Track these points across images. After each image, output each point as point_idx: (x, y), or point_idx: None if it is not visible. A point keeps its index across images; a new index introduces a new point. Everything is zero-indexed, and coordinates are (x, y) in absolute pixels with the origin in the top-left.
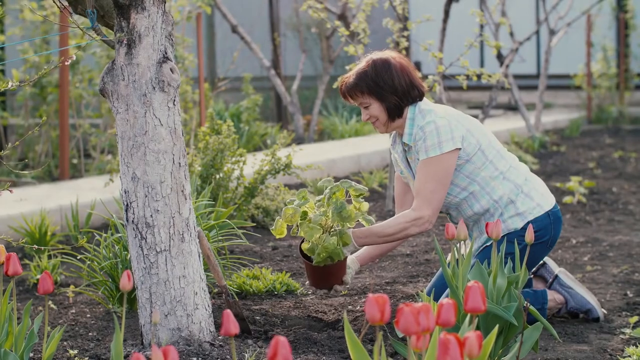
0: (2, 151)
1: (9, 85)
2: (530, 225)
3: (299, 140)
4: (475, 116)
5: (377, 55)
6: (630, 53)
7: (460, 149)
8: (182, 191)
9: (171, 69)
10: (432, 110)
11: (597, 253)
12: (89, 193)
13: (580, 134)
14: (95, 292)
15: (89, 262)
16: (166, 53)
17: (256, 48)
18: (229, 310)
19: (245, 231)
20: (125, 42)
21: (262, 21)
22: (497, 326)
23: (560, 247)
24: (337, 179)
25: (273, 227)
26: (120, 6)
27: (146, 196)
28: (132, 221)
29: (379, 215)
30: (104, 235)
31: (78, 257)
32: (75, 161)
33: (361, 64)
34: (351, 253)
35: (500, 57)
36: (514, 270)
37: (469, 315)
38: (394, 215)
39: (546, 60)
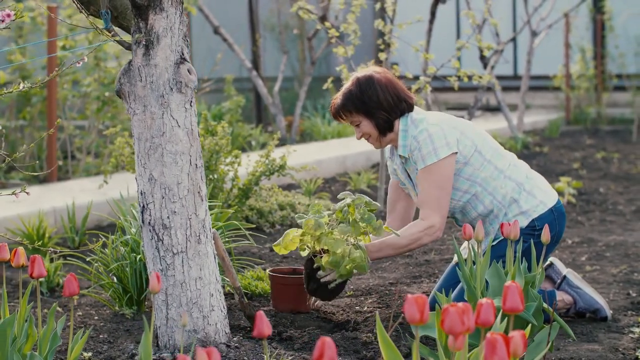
0: (16, 154)
1: (21, 87)
2: (547, 226)
3: (282, 142)
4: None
5: (361, 72)
6: (607, 54)
7: (457, 152)
8: (199, 192)
9: (188, 70)
10: (424, 118)
11: (594, 253)
12: (81, 195)
13: (559, 134)
14: (100, 294)
15: (96, 265)
16: (183, 54)
17: (238, 49)
18: (261, 312)
19: (241, 232)
20: (143, 43)
21: (241, 22)
22: (529, 326)
23: (557, 247)
24: (325, 180)
25: (279, 242)
26: (138, 7)
27: (163, 198)
28: (149, 223)
29: None
30: (112, 237)
31: (87, 259)
32: (60, 163)
33: (347, 84)
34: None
35: (483, 59)
36: (528, 269)
37: (500, 314)
38: (384, 217)
39: (528, 61)
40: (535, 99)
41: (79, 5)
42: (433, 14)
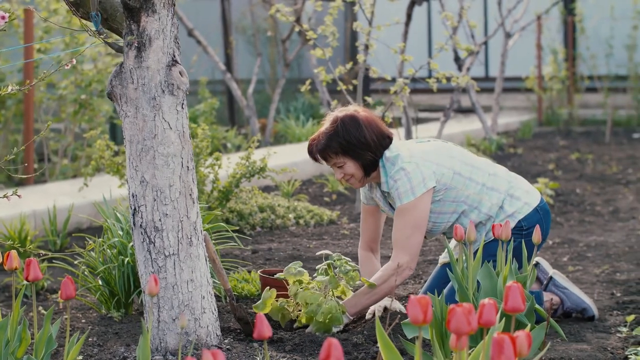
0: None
1: (9, 90)
2: (537, 226)
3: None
4: (437, 119)
5: (342, 112)
6: (579, 56)
7: (434, 186)
8: (190, 195)
9: (180, 72)
10: (398, 155)
11: (576, 254)
12: (60, 197)
13: (532, 136)
14: (85, 297)
15: (82, 268)
16: (174, 56)
17: (212, 52)
18: (262, 314)
19: (223, 234)
20: (135, 45)
21: (212, 25)
22: (528, 326)
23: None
24: (302, 182)
25: (258, 304)
26: (130, 9)
27: (155, 200)
28: (140, 225)
29: (349, 219)
30: (99, 240)
31: (75, 262)
32: (35, 166)
33: (327, 124)
34: (345, 326)
35: (458, 60)
36: (518, 269)
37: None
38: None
39: (502, 63)
40: (506, 100)
41: (72, 9)
42: (409, 16)
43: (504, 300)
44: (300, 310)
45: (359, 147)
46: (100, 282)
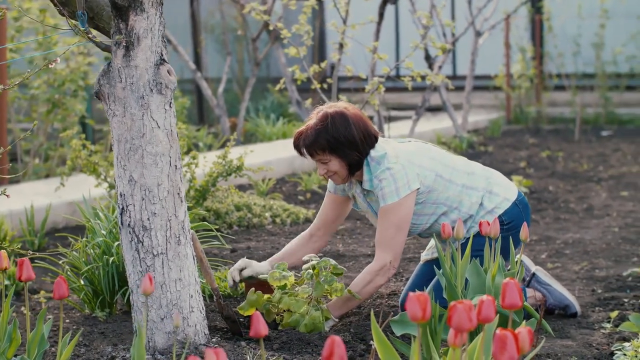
0: None
1: None
2: (525, 224)
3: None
4: (406, 117)
5: (332, 108)
6: (546, 54)
7: (418, 188)
8: (178, 194)
9: (168, 71)
10: (385, 155)
11: (554, 251)
12: (36, 197)
13: (501, 134)
14: (69, 297)
15: (66, 267)
16: (162, 55)
17: (183, 51)
18: (258, 312)
19: (200, 234)
20: (123, 44)
21: (181, 24)
22: (524, 322)
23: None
24: (275, 181)
25: (242, 306)
26: (118, 8)
27: (143, 199)
28: (129, 224)
29: None
30: (83, 239)
31: (61, 262)
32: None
33: (315, 120)
34: (331, 328)
35: (429, 59)
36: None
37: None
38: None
39: (472, 62)
40: (474, 98)
41: (58, 7)
42: (381, 15)
43: (501, 297)
44: (285, 311)
45: (346, 145)
46: (83, 282)
